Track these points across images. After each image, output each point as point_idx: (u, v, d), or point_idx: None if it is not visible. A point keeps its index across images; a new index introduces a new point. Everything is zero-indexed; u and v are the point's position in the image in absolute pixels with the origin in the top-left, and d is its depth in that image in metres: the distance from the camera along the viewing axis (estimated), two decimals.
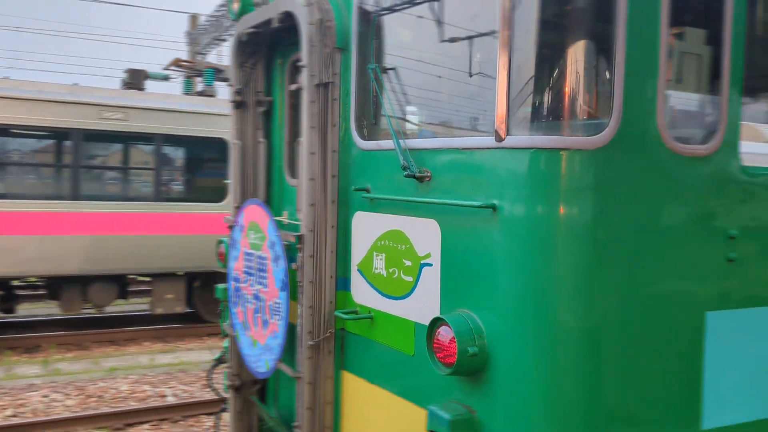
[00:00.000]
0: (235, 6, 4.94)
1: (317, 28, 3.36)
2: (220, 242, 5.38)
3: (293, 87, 3.57)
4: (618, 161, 2.53)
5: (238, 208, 4.36)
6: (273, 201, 4.38)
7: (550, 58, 2.59)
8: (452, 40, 3.08)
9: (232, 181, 4.40)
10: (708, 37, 2.76)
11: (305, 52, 3.38)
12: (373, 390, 3.36)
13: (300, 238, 3.45)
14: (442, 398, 2.86)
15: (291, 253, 3.60)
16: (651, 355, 2.70)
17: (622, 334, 2.62)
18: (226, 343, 4.98)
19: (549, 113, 2.65)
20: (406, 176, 2.94)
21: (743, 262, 2.87)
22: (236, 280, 4.20)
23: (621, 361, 2.64)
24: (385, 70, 3.19)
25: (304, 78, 3.40)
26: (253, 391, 4.54)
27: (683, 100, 2.77)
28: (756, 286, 2.94)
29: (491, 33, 2.78)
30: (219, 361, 5.29)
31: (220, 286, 5.30)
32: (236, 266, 4.20)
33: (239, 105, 4.33)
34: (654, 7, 2.51)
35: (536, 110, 2.62)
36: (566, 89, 2.58)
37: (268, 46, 4.32)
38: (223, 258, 5.27)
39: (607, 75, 2.51)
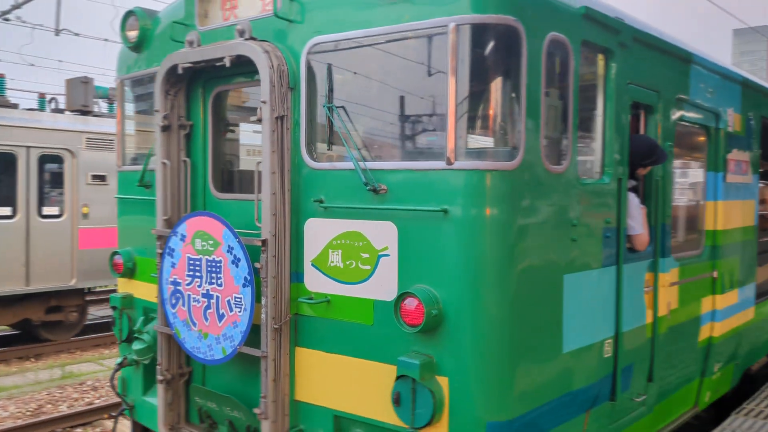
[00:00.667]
0: (132, 34, 5.43)
1: (276, 71, 4.18)
2: (116, 253, 5.73)
3: (254, 119, 4.29)
4: (521, 178, 3.85)
5: (167, 220, 4.90)
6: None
7: (482, 110, 3.83)
8: (392, 86, 4.17)
9: (158, 196, 4.90)
10: (559, 95, 4.21)
11: (266, 91, 4.18)
12: (330, 358, 4.28)
13: (264, 242, 4.23)
14: (401, 353, 3.91)
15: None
16: (537, 305, 4.08)
17: (522, 294, 3.95)
18: (136, 345, 5.39)
19: (484, 146, 3.88)
20: (369, 190, 3.95)
21: (579, 241, 4.40)
22: (175, 283, 4.74)
23: (522, 312, 3.96)
24: (336, 108, 4.14)
25: (265, 111, 4.19)
26: (181, 382, 5.08)
27: (550, 136, 4.17)
28: (585, 257, 4.49)
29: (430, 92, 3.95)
30: (120, 365, 5.65)
31: (116, 295, 5.68)
32: (174, 271, 4.74)
33: (165, 129, 4.87)
34: (538, 79, 3.87)
35: (476, 144, 3.83)
36: (492, 131, 3.84)
37: (190, 77, 4.93)
38: (120, 268, 5.66)
39: (516, 123, 3.82)
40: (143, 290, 5.59)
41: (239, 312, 4.35)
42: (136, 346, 5.37)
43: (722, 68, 6.53)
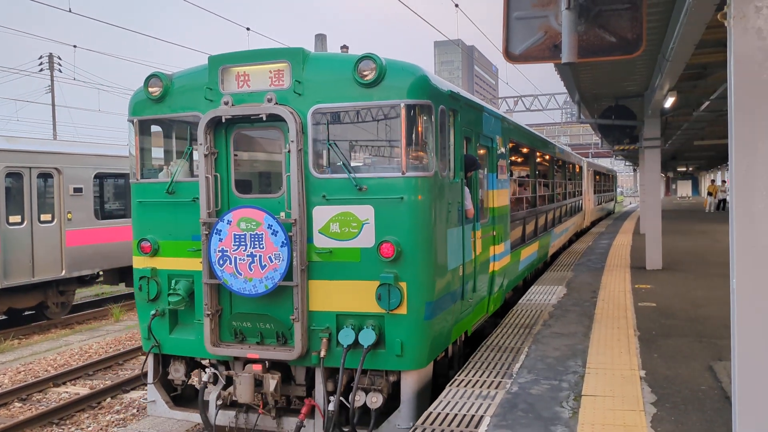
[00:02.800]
0: (153, 90, 8.12)
1: (298, 124, 7.41)
2: (143, 239, 8.28)
3: (286, 150, 7.40)
4: (434, 180, 7.64)
5: (209, 213, 7.74)
6: (224, 207, 7.88)
7: (416, 146, 7.54)
8: (367, 129, 7.67)
9: (202, 198, 7.71)
10: (442, 136, 8.06)
11: (293, 135, 7.38)
12: (333, 283, 7.61)
13: (295, 221, 7.42)
14: (379, 273, 7.43)
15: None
16: (439, 245, 7.91)
17: (436, 239, 7.75)
18: (173, 298, 8.04)
19: (418, 164, 7.58)
20: (357, 189, 7.39)
21: (449, 212, 8.33)
22: (223, 251, 7.62)
23: (436, 249, 7.75)
24: (334, 143, 7.51)
25: (292, 147, 7.39)
26: (217, 316, 7.93)
27: (441, 158, 7.98)
28: (450, 220, 8.44)
29: (393, 138, 7.56)
30: (154, 315, 8.23)
31: (144, 267, 8.26)
32: (222, 243, 7.62)
33: (206, 156, 7.70)
34: (437, 130, 7.69)
35: (414, 163, 7.52)
36: (423, 157, 7.56)
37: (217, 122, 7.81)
38: (148, 249, 8.25)
39: (432, 152, 7.59)
40: (167, 263, 8.23)
41: (278, 262, 7.47)
42: (173, 299, 8.02)
43: (493, 112, 11.08)
